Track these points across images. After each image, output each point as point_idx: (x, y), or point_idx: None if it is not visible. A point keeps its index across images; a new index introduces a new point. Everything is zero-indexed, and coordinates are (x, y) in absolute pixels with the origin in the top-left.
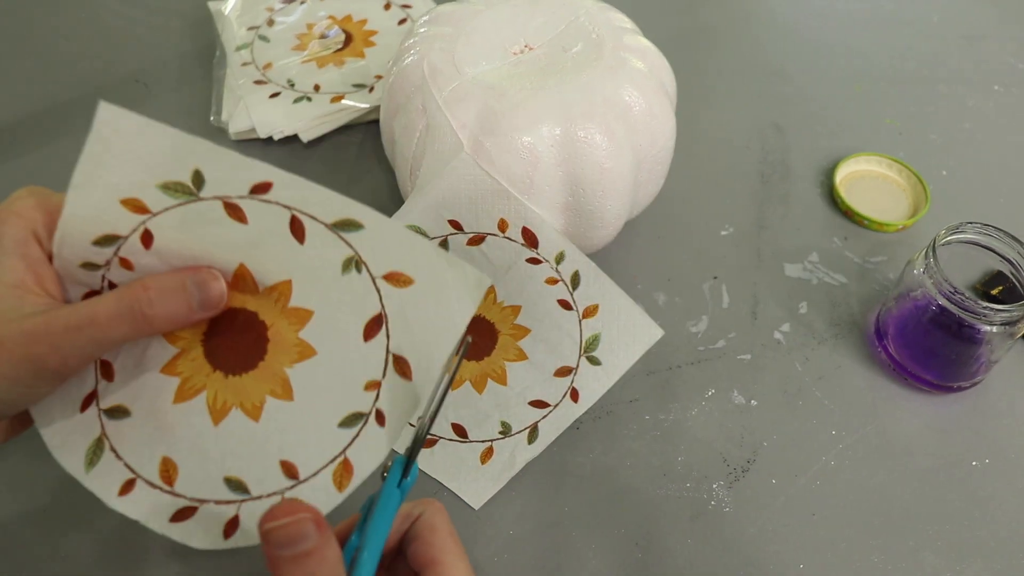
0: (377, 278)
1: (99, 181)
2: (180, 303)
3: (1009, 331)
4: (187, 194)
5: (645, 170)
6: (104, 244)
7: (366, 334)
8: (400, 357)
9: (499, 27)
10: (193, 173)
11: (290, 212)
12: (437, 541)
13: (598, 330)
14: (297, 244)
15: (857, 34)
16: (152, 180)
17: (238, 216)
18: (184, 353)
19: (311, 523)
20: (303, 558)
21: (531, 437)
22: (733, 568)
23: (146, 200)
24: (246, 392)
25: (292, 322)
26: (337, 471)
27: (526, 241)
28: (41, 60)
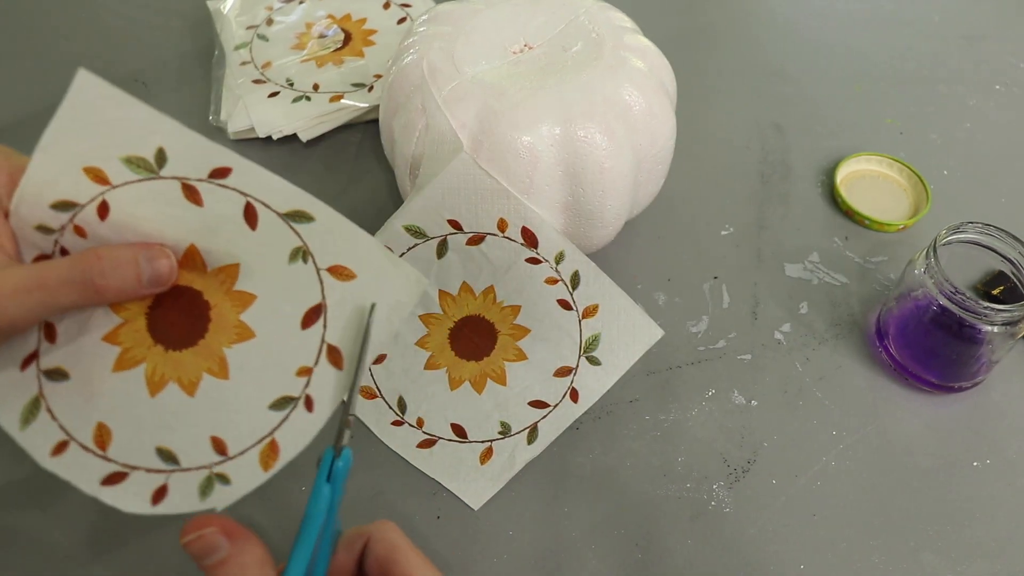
0: (322, 270)
1: (66, 146)
2: (130, 276)
3: (1010, 331)
4: (148, 171)
5: (645, 170)
6: (61, 209)
7: (304, 322)
8: (334, 347)
9: (499, 26)
10: (157, 151)
11: (245, 199)
12: (401, 558)
13: (598, 330)
14: (249, 230)
15: (857, 34)
16: (116, 152)
17: (195, 199)
18: (127, 324)
19: (218, 535)
20: (221, 566)
21: (531, 437)
22: (733, 568)
23: (108, 171)
24: (184, 367)
25: (235, 304)
26: (264, 451)
27: (526, 241)
28: (41, 60)
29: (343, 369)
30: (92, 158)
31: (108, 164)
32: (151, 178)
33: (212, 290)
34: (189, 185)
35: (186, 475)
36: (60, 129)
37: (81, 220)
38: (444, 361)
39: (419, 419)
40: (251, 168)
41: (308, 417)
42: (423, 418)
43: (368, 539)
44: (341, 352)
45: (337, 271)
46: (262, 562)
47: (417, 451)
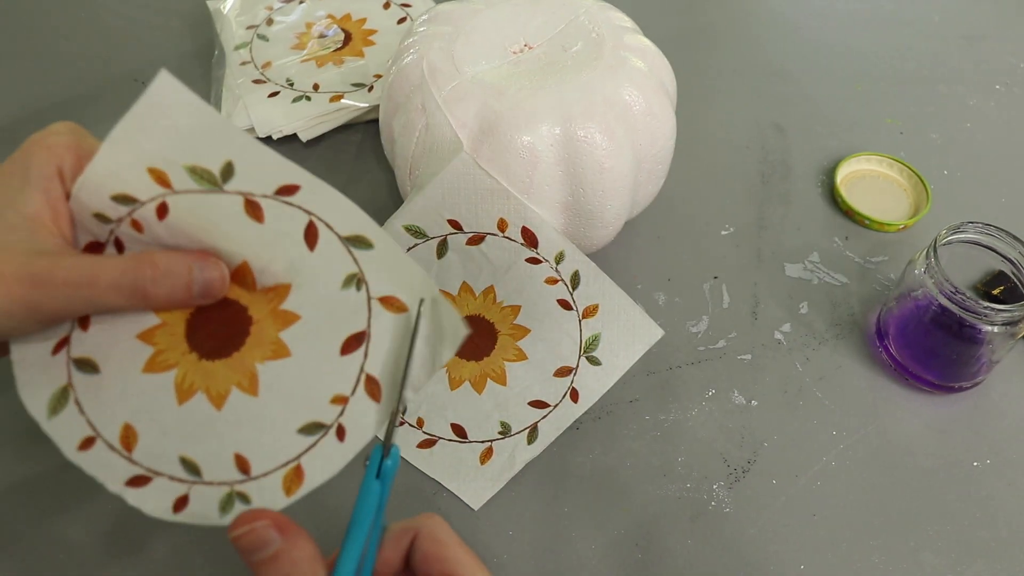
0: (373, 298)
1: (134, 143)
2: (181, 287)
3: (1010, 331)
4: (211, 183)
5: (645, 170)
6: (121, 202)
7: (344, 348)
8: (373, 378)
9: (499, 26)
10: (225, 164)
11: (309, 217)
12: (450, 555)
13: (598, 330)
14: (307, 250)
15: (857, 34)
16: (182, 160)
17: (256, 215)
18: (165, 326)
19: (271, 528)
20: (272, 561)
21: (531, 437)
22: (733, 569)
23: (171, 176)
24: (214, 379)
25: (277, 323)
26: (288, 475)
27: (526, 241)
28: (41, 60)
29: (380, 402)
30: (158, 160)
31: (172, 169)
32: (213, 191)
33: (258, 305)
34: (253, 201)
35: (207, 488)
36: (132, 125)
37: (139, 215)
38: None
39: (419, 419)
40: (320, 186)
41: (338, 446)
42: (423, 418)
43: (416, 534)
44: (380, 384)
45: (388, 301)
46: (312, 558)
47: (417, 451)
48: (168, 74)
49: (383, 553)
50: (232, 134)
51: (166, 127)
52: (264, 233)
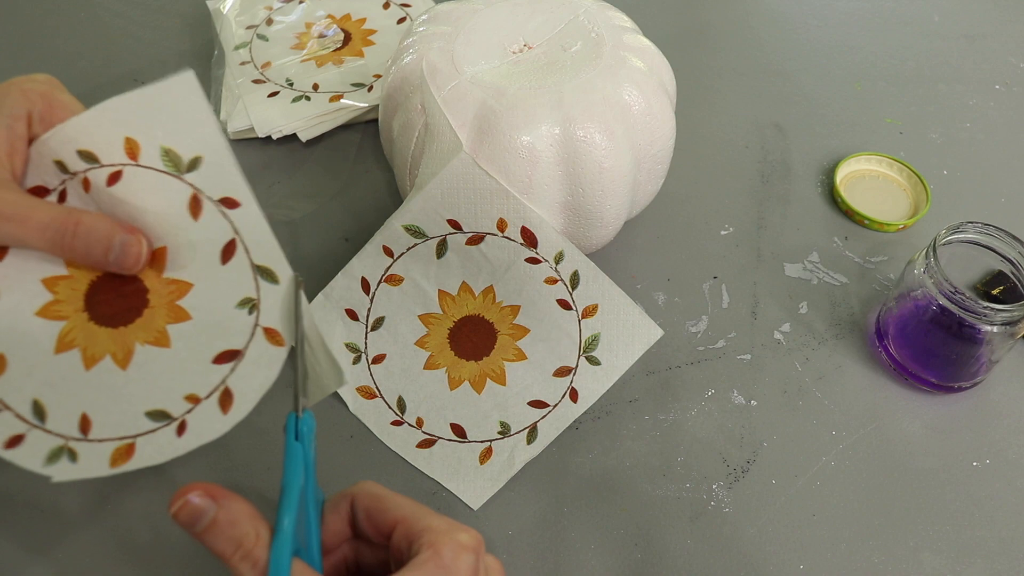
0: (259, 326)
1: (124, 113)
2: (99, 250)
3: (1010, 331)
4: (176, 168)
5: (644, 169)
6: (85, 158)
7: (217, 358)
8: (230, 391)
9: (498, 26)
10: (195, 157)
11: (234, 235)
12: (390, 504)
13: (597, 330)
14: (220, 262)
15: (857, 34)
16: (163, 139)
17: (195, 212)
18: (70, 279)
19: (204, 497)
20: (213, 527)
21: (530, 437)
22: (733, 569)
23: (143, 150)
24: (94, 341)
25: (170, 315)
26: (120, 449)
27: (525, 240)
28: (40, 59)
29: (227, 414)
30: (139, 132)
31: (148, 145)
32: (173, 175)
33: (158, 292)
34: (198, 198)
35: (44, 436)
36: (136, 100)
37: (93, 175)
38: (443, 361)
39: (418, 419)
40: (256, 214)
41: (175, 439)
42: (422, 418)
43: (352, 498)
44: (234, 398)
45: (271, 333)
46: (252, 516)
47: (416, 451)
48: (193, 76)
49: (327, 524)
50: (215, 137)
51: (167, 111)
52: (192, 230)
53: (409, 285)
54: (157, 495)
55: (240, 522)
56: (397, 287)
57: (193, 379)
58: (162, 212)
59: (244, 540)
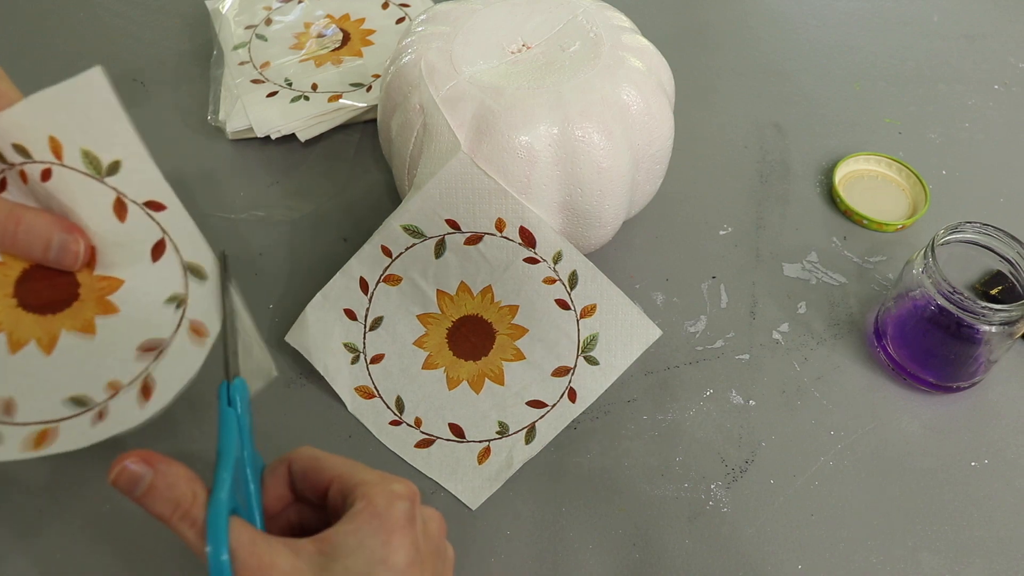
0: (185, 318)
1: (49, 110)
2: (40, 247)
3: (1008, 331)
4: (96, 171)
5: (643, 170)
6: (19, 152)
7: (141, 347)
8: (151, 381)
9: (497, 26)
10: (113, 162)
11: (163, 235)
12: (326, 464)
13: (596, 330)
14: (150, 261)
15: (856, 34)
16: (81, 141)
17: (120, 214)
18: (3, 265)
19: (139, 462)
20: (152, 492)
21: (528, 437)
22: (731, 569)
23: (65, 150)
24: (20, 326)
25: (98, 307)
26: (40, 433)
27: (523, 240)
28: (40, 59)
29: (148, 401)
30: (60, 132)
31: (69, 145)
32: (94, 178)
33: (88, 285)
34: (122, 201)
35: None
36: (53, 97)
37: (28, 169)
38: (442, 361)
39: (417, 419)
40: (182, 214)
41: (92, 425)
42: (421, 418)
43: (289, 461)
44: (154, 388)
45: (196, 328)
46: (188, 478)
47: (415, 451)
48: (101, 73)
49: (268, 489)
50: (131, 142)
51: (80, 110)
52: (120, 231)
53: (407, 285)
54: None
55: (177, 485)
56: (395, 287)
57: (116, 367)
58: (89, 213)
59: (182, 501)
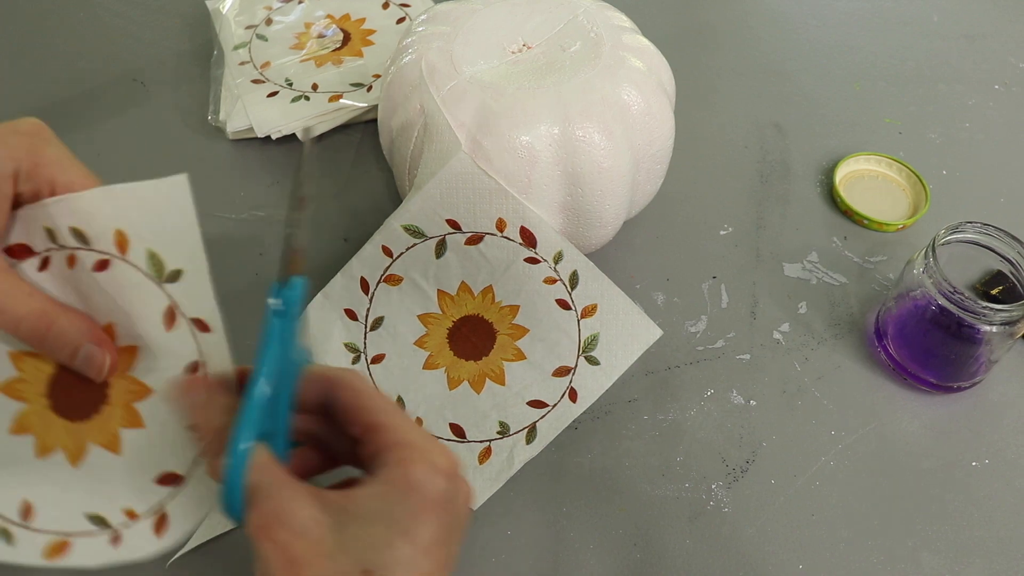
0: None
1: (121, 205)
2: (65, 355)
3: (1009, 331)
4: (158, 274)
5: (643, 169)
6: (76, 237)
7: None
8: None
9: (497, 26)
10: (175, 271)
11: (197, 355)
12: (369, 404)
13: (596, 330)
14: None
15: (856, 34)
16: (151, 241)
17: (169, 323)
18: (39, 358)
19: (186, 382)
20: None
21: (529, 437)
22: (732, 569)
23: (132, 246)
24: (50, 431)
25: (132, 392)
26: (54, 545)
27: (524, 240)
28: (40, 59)
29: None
30: (131, 227)
31: (136, 242)
32: (153, 281)
33: (118, 390)
34: (173, 311)
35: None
36: (131, 192)
37: (81, 256)
38: (443, 361)
39: (417, 419)
40: (222, 343)
41: (110, 549)
42: (421, 418)
43: (333, 384)
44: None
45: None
46: (227, 407)
47: None
48: (186, 181)
49: (303, 389)
50: (198, 253)
51: (157, 211)
52: (162, 340)
53: (408, 285)
54: None
55: (213, 411)
56: (396, 287)
57: (134, 493)
58: (138, 313)
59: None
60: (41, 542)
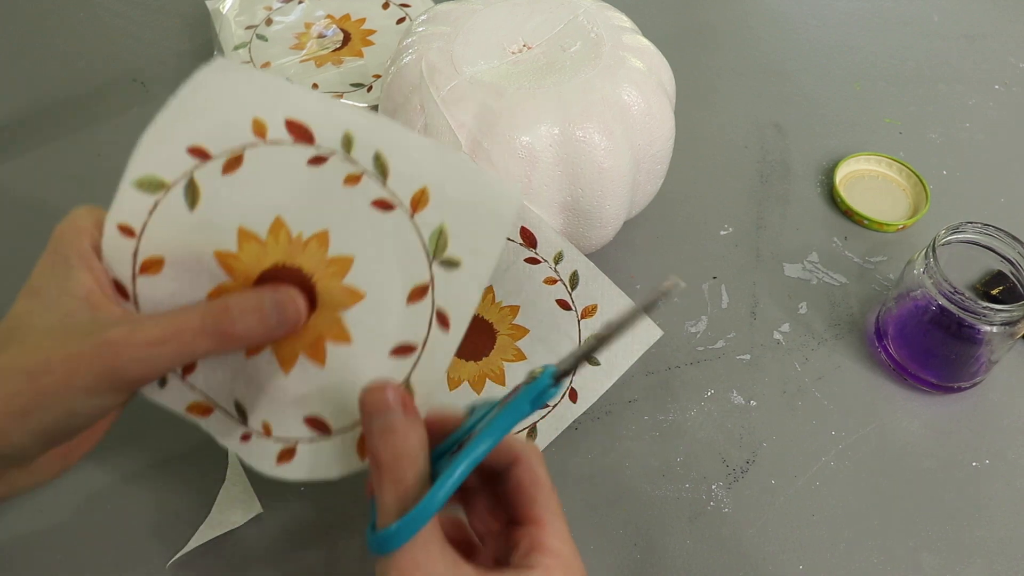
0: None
1: (449, 174)
2: (258, 323)
3: (1009, 331)
4: (434, 251)
5: (644, 170)
6: (345, 145)
7: (410, 297)
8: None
9: (497, 26)
10: (452, 259)
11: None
12: (542, 496)
13: (597, 330)
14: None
15: (856, 34)
16: (448, 220)
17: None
18: None
19: (393, 391)
20: (389, 433)
21: (529, 437)
22: (732, 569)
23: (424, 212)
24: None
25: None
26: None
27: (524, 241)
28: (40, 59)
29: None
30: (437, 189)
31: (438, 207)
32: (423, 250)
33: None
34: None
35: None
36: (468, 170)
37: (331, 161)
38: None
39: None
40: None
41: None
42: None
43: (515, 459)
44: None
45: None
46: (423, 444)
47: None
48: (518, 198)
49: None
50: (483, 265)
51: (475, 201)
52: (397, 304)
53: None
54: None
55: (411, 444)
56: None
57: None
58: (384, 254)
59: (403, 461)
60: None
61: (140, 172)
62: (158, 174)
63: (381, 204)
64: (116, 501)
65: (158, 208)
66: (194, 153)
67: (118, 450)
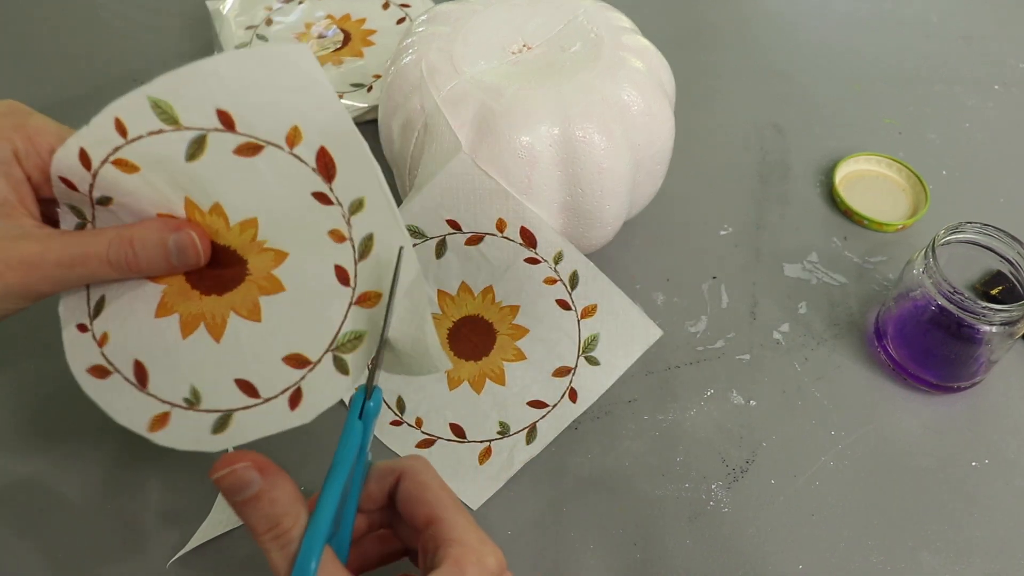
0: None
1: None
2: (160, 258)
3: (1008, 331)
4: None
5: (643, 170)
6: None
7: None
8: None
9: (497, 26)
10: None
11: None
12: (431, 497)
13: (596, 330)
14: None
15: (856, 34)
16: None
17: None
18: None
19: (251, 470)
20: (254, 502)
21: (529, 437)
22: (732, 568)
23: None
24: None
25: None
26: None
27: (524, 241)
28: (40, 59)
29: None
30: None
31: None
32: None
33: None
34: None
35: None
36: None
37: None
38: None
39: (418, 419)
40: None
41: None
42: (422, 418)
43: (400, 475)
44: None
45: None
46: (293, 498)
47: (415, 451)
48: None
49: (367, 489)
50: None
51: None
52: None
53: None
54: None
55: (280, 502)
56: None
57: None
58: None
59: (282, 521)
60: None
61: (163, 94)
62: (177, 110)
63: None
64: (116, 501)
65: (157, 137)
66: (220, 116)
67: (118, 450)
